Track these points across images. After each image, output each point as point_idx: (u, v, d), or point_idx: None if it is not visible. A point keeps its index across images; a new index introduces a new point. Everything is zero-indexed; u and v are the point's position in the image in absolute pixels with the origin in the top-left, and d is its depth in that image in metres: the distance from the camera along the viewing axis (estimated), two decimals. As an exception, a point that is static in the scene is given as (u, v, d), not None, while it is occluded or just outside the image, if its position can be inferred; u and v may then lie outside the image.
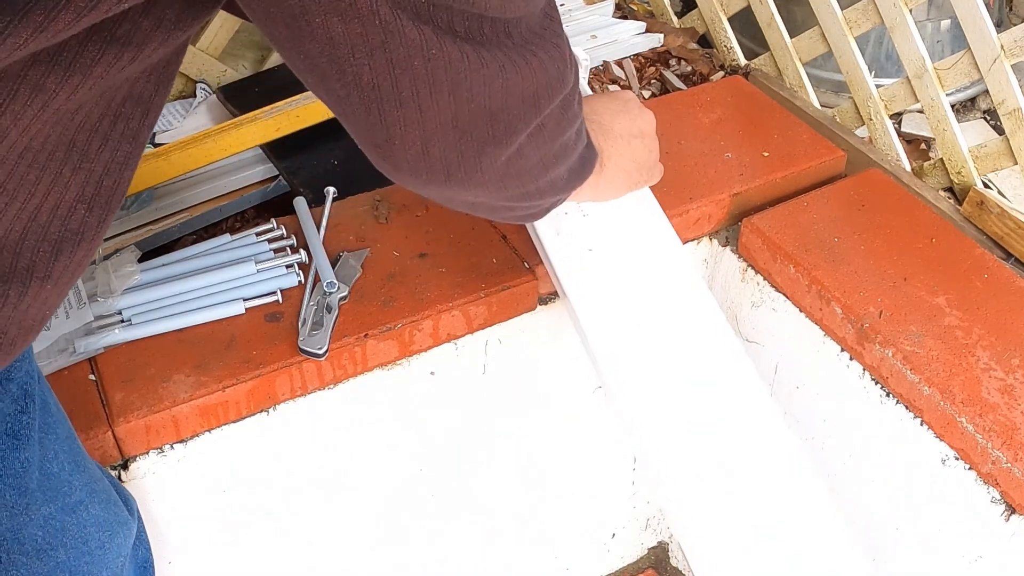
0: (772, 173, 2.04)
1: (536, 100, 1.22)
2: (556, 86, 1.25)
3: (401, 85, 1.07)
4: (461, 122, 1.15)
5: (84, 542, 1.35)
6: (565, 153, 1.40)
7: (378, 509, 2.01)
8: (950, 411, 1.65)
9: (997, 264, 1.87)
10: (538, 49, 1.19)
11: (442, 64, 1.07)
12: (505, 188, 1.32)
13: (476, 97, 1.13)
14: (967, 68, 2.18)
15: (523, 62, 1.16)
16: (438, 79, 1.08)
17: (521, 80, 1.17)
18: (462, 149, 1.19)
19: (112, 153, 1.06)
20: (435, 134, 1.15)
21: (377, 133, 1.13)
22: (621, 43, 2.69)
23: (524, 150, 1.27)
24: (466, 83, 1.11)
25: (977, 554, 1.74)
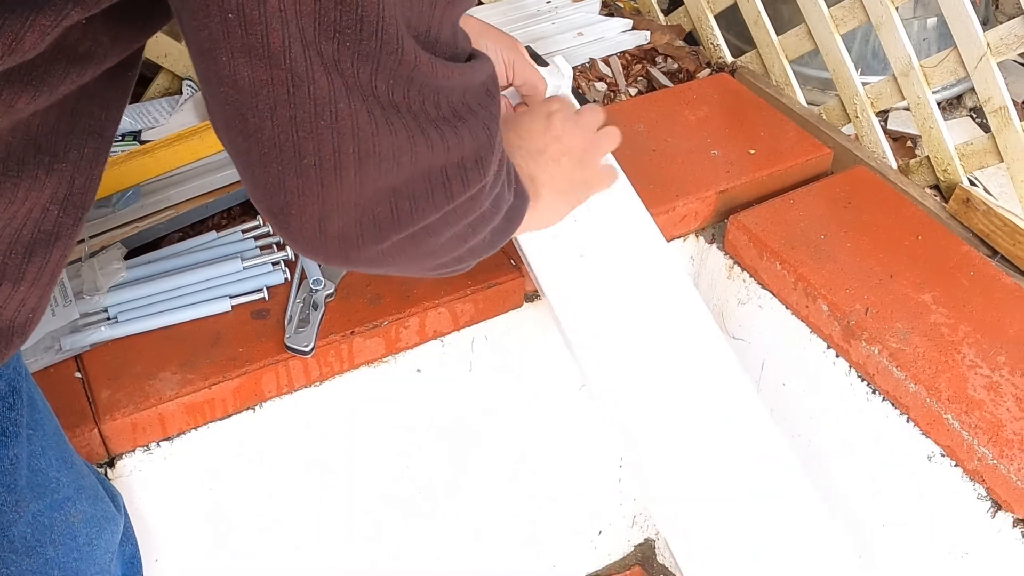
0: (758, 170, 2.04)
1: (447, 184, 1.11)
2: (473, 172, 1.14)
3: (304, 149, 0.97)
4: (364, 199, 1.05)
5: (72, 538, 1.35)
6: (484, 221, 1.28)
7: (365, 507, 2.01)
8: (936, 408, 1.65)
9: (983, 261, 1.88)
10: (462, 126, 1.08)
11: (349, 128, 0.97)
12: (414, 264, 1.23)
13: (383, 172, 1.03)
14: (953, 66, 2.18)
15: (438, 137, 1.06)
16: (344, 147, 0.98)
17: (432, 156, 1.07)
18: (362, 230, 1.08)
19: (79, 151, 1.04)
20: (334, 210, 1.04)
21: (275, 199, 1.02)
22: (607, 40, 2.68)
23: (434, 228, 1.16)
24: (373, 155, 1.00)
25: (963, 551, 1.74)
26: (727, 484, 1.63)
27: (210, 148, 2.00)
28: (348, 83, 0.93)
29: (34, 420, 1.28)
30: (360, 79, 0.94)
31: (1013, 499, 1.59)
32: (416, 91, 0.99)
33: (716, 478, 1.63)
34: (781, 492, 1.65)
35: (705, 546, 1.60)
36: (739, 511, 1.63)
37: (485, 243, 1.33)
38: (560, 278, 1.70)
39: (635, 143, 2.06)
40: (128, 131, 2.10)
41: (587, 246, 1.72)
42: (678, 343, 1.71)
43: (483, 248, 1.34)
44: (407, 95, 0.99)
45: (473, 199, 1.18)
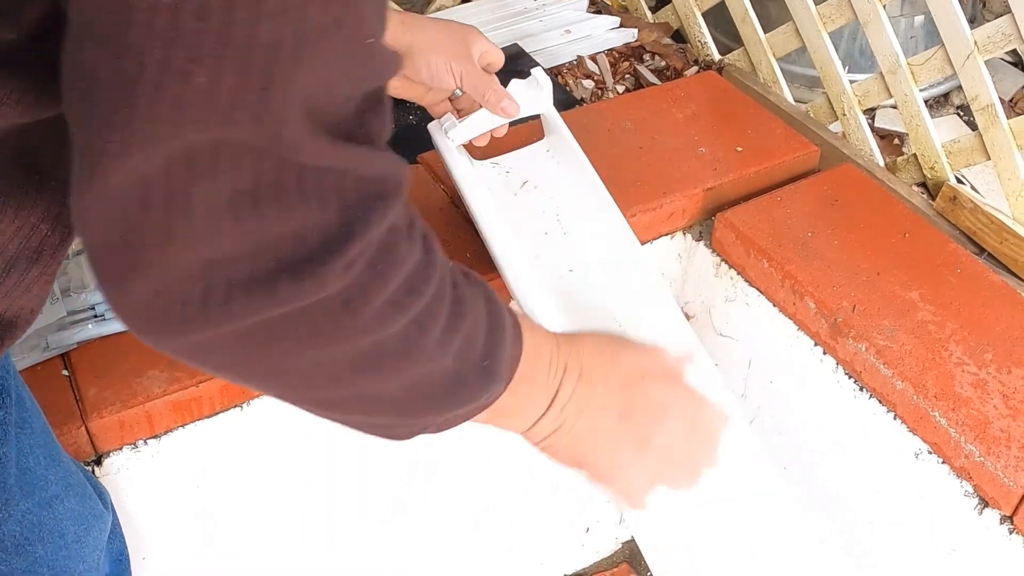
0: (746, 168, 2.04)
1: (273, 275, 0.86)
2: (311, 265, 0.87)
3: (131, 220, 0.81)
4: (169, 266, 0.84)
5: (61, 536, 1.35)
6: (379, 364, 0.99)
7: (351, 503, 2.01)
8: (923, 405, 1.65)
9: (970, 259, 1.88)
10: (315, 203, 0.86)
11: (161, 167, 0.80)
12: (277, 385, 1.02)
13: (198, 236, 0.83)
14: (940, 64, 2.18)
15: (274, 210, 0.84)
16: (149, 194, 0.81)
17: (260, 231, 0.85)
18: (166, 306, 0.86)
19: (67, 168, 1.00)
20: (144, 272, 0.84)
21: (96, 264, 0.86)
22: (595, 38, 2.69)
23: (272, 333, 0.90)
24: (185, 210, 0.82)
25: (950, 547, 1.74)
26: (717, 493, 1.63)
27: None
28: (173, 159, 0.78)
29: (22, 418, 1.28)
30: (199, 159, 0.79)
31: (1000, 496, 1.60)
32: (258, 151, 0.82)
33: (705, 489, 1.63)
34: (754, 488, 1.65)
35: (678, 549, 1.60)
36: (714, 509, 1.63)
37: (398, 401, 1.05)
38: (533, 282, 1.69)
39: (622, 141, 2.06)
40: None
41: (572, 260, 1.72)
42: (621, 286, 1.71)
43: (398, 407, 1.06)
44: (246, 151, 0.81)
45: (326, 314, 0.91)
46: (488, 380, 1.10)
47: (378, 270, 0.92)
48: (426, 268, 0.98)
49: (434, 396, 1.06)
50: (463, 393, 1.08)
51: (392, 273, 0.94)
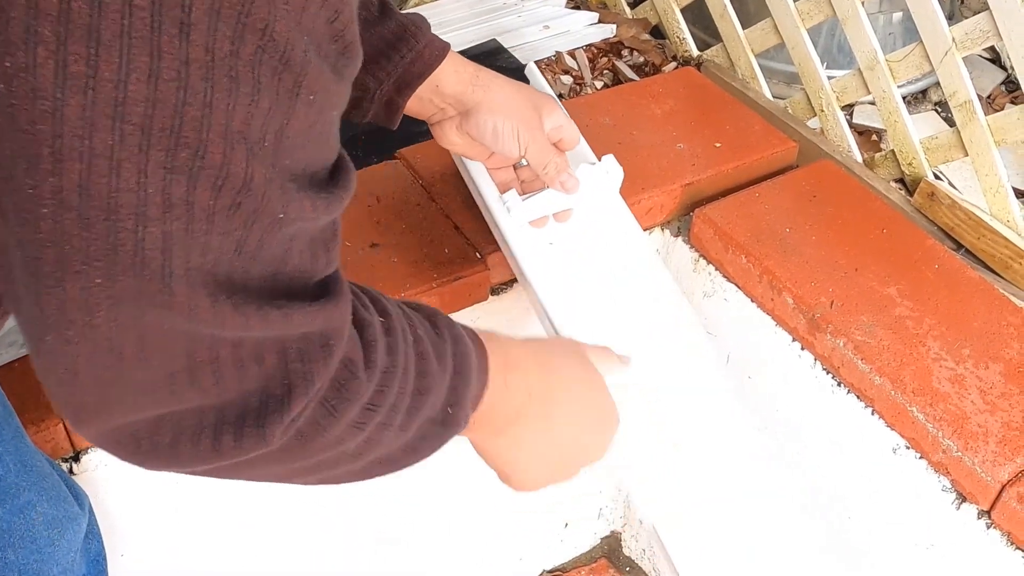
0: (724, 164, 2.05)
1: (215, 435, 0.88)
2: (251, 432, 0.88)
3: (40, 349, 0.86)
4: (112, 422, 0.87)
5: (33, 541, 1.35)
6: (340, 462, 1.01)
7: (330, 498, 2.01)
8: (901, 400, 1.65)
9: (948, 255, 1.89)
10: (250, 375, 0.86)
11: (84, 353, 0.82)
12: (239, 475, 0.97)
13: (134, 404, 0.86)
14: (919, 60, 2.19)
15: (211, 381, 0.85)
16: (78, 367, 0.84)
17: (199, 398, 0.86)
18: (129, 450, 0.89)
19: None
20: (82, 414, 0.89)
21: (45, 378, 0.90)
22: (573, 33, 2.69)
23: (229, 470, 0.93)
24: (122, 383, 0.84)
25: (929, 543, 1.75)
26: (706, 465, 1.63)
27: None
28: (93, 319, 0.78)
29: None
30: (111, 317, 0.78)
31: (977, 491, 1.60)
32: (184, 334, 0.82)
33: (694, 458, 1.63)
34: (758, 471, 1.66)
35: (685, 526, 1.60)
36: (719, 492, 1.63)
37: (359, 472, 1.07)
38: (540, 263, 1.70)
39: (601, 137, 2.06)
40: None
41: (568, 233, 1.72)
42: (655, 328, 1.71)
43: (356, 475, 1.08)
44: (173, 333, 0.81)
45: (265, 461, 0.92)
46: (451, 427, 1.14)
47: (330, 405, 0.93)
48: (388, 375, 0.99)
49: (395, 461, 1.10)
50: (424, 449, 1.13)
51: (346, 407, 0.94)
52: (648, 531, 1.61)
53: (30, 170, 0.71)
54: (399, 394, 1.00)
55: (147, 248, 0.75)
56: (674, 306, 1.74)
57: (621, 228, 1.77)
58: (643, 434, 1.63)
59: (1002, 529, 1.61)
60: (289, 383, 0.88)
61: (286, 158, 0.80)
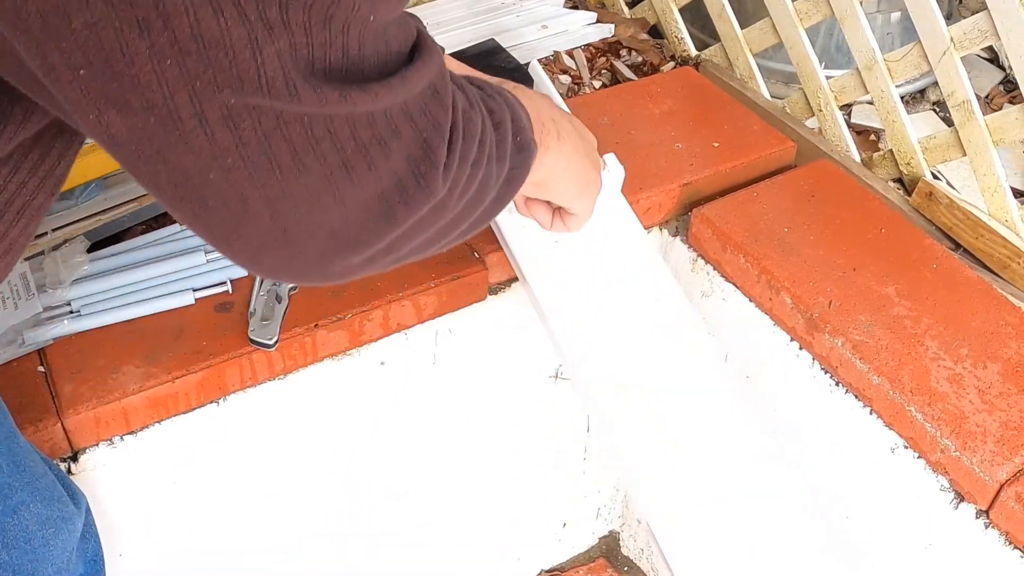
0: (722, 163, 2.05)
1: (390, 212, 1.00)
2: (416, 191, 1.01)
3: (205, 194, 0.90)
4: (292, 236, 0.96)
5: (27, 541, 1.35)
6: (468, 212, 1.17)
7: (328, 499, 2.01)
8: (899, 400, 1.66)
9: (946, 254, 1.89)
10: (396, 145, 0.96)
11: (248, 176, 0.88)
12: (384, 268, 1.12)
13: (303, 214, 0.94)
14: (917, 60, 2.18)
15: (364, 167, 0.94)
16: (245, 193, 0.90)
17: (360, 192, 0.96)
18: (305, 260, 1.00)
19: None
20: (263, 247, 0.97)
21: (205, 236, 0.97)
22: (571, 33, 2.68)
23: (394, 247, 1.06)
24: (286, 197, 0.92)
25: (927, 542, 1.75)
26: (706, 465, 1.64)
27: (174, 140, 1.99)
28: (242, 137, 0.86)
29: None
30: (256, 131, 0.86)
31: (976, 491, 1.60)
32: (325, 130, 0.90)
33: (695, 458, 1.63)
34: (752, 466, 1.66)
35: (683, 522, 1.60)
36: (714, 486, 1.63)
37: (477, 220, 1.23)
38: (541, 262, 1.70)
39: (599, 136, 2.04)
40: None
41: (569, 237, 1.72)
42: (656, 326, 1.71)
43: (477, 223, 1.24)
44: (315, 134, 0.89)
45: (432, 210, 1.06)
46: (528, 153, 1.26)
47: (463, 156, 1.08)
48: (481, 119, 1.14)
49: (500, 198, 1.24)
50: (517, 178, 1.26)
51: (470, 149, 1.09)
52: (646, 530, 1.61)
53: (143, 33, 0.78)
54: (490, 135, 1.15)
55: (267, 69, 0.83)
56: (675, 306, 1.74)
57: (623, 227, 1.78)
58: (643, 434, 1.63)
59: (1000, 528, 1.61)
60: (426, 139, 1.00)
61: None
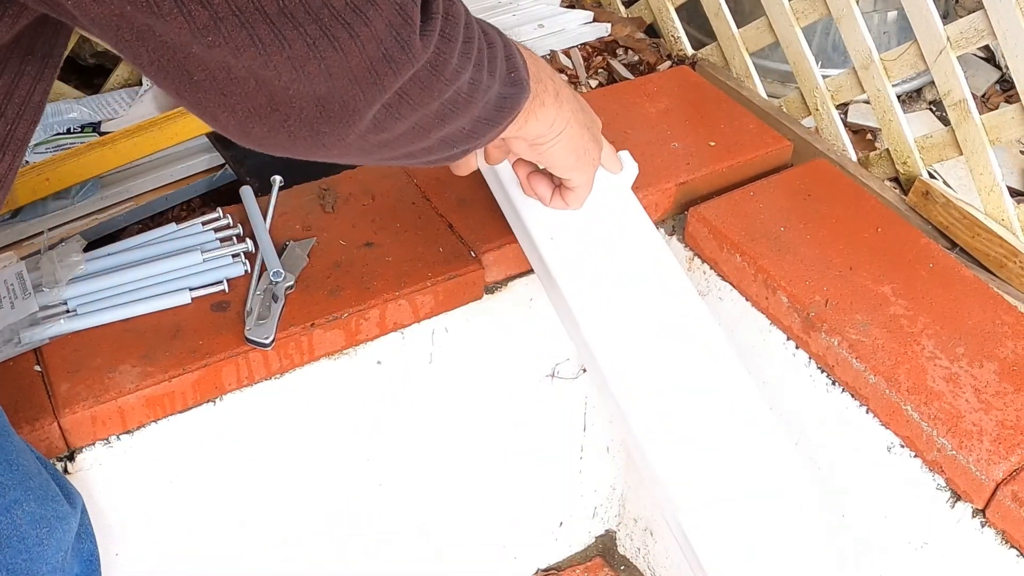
0: (718, 162, 2.05)
1: (376, 78, 1.03)
2: (399, 54, 1.04)
3: (190, 69, 0.94)
4: (280, 105, 1.00)
5: (20, 540, 1.35)
6: (457, 109, 1.21)
7: (325, 498, 2.01)
8: (895, 399, 1.66)
9: (942, 253, 1.89)
10: (372, 11, 0.99)
11: (230, 51, 0.92)
12: (373, 155, 1.19)
13: (288, 83, 0.98)
14: (913, 59, 2.19)
15: (347, 35, 0.97)
16: (230, 65, 0.94)
17: (345, 59, 0.99)
18: (291, 131, 1.05)
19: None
20: (250, 118, 1.01)
21: (192, 110, 1.02)
22: (568, 32, 2.69)
23: (383, 123, 1.11)
24: (270, 68, 0.95)
25: (923, 541, 1.75)
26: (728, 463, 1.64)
27: (170, 139, 2.00)
28: (217, 12, 0.89)
29: None
30: (231, 5, 0.90)
31: (972, 489, 1.60)
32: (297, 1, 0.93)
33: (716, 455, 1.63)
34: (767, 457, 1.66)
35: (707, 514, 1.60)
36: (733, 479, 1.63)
37: (465, 133, 1.27)
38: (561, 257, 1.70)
39: (596, 135, 2.06)
40: (87, 122, 2.09)
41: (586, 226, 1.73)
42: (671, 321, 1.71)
43: (464, 138, 1.28)
44: (289, 5, 0.93)
45: (418, 83, 1.10)
46: (520, 89, 1.32)
47: (446, 33, 1.11)
48: (467, 16, 1.17)
49: (491, 119, 1.29)
50: (508, 106, 1.31)
51: (455, 31, 1.13)
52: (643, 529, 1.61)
53: None
54: (479, 38, 1.20)
55: None
56: (689, 303, 1.74)
57: (634, 225, 1.78)
58: (663, 430, 1.63)
59: (996, 527, 1.61)
60: (401, 5, 1.02)
61: None
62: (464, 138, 1.28)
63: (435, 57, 1.10)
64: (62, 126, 2.07)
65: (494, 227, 1.84)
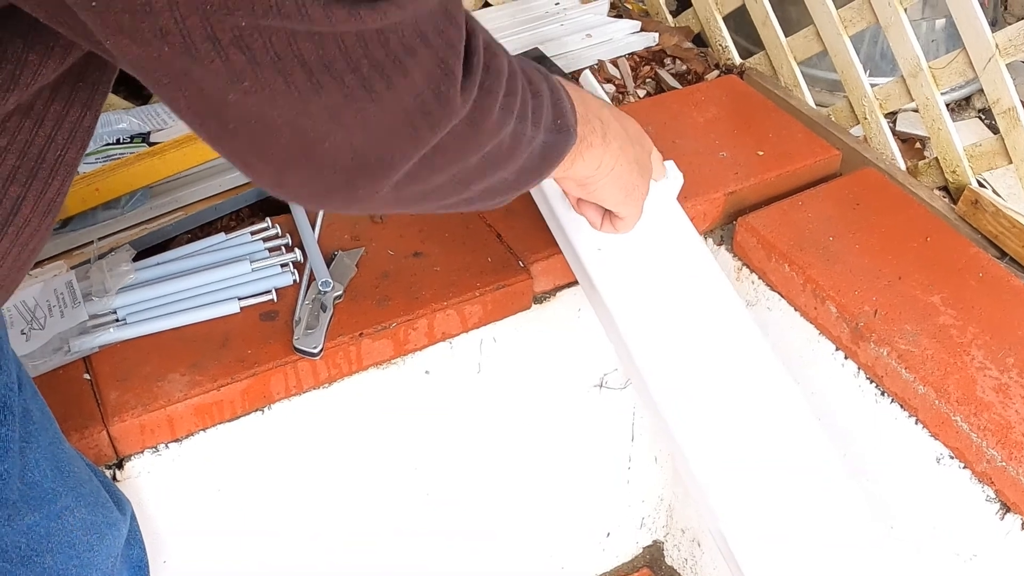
0: (767, 172, 2.04)
1: (413, 131, 1.01)
2: (437, 109, 1.01)
3: (226, 116, 0.91)
4: (315, 155, 0.97)
5: (71, 546, 1.36)
6: (499, 161, 1.19)
7: (372, 507, 2.02)
8: (945, 410, 1.65)
9: (992, 263, 1.88)
10: (412, 64, 0.95)
11: (266, 97, 0.89)
12: (410, 206, 1.16)
13: (324, 133, 0.95)
14: (962, 67, 2.18)
15: (383, 86, 0.94)
16: (265, 114, 0.91)
17: (382, 111, 0.96)
18: (326, 181, 1.01)
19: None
20: (286, 168, 0.98)
21: (228, 158, 0.99)
22: (616, 42, 2.68)
23: (419, 175, 1.07)
24: (305, 117, 0.92)
25: (971, 553, 1.74)
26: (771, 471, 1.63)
27: (219, 150, 2.00)
28: (255, 57, 0.85)
29: (28, 432, 1.28)
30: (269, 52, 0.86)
31: (1021, 501, 1.59)
32: (338, 48, 0.89)
33: (760, 465, 1.63)
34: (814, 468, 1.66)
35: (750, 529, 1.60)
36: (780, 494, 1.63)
37: (509, 183, 1.25)
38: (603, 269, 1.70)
39: (643, 145, 2.06)
40: (137, 132, 2.10)
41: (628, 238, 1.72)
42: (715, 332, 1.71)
43: (507, 188, 1.26)
44: (327, 53, 0.89)
45: (457, 137, 1.08)
46: (567, 136, 1.30)
47: (486, 87, 1.08)
48: (511, 67, 1.15)
49: (535, 168, 1.28)
50: (553, 155, 1.30)
51: (497, 85, 1.11)
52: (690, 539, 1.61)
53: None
54: (523, 89, 1.18)
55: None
56: (733, 314, 1.74)
57: (679, 235, 1.77)
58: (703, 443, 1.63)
59: (1047, 539, 1.61)
60: (442, 58, 0.99)
61: None
62: (507, 188, 1.26)
63: (475, 112, 1.08)
64: (112, 136, 2.08)
65: (542, 237, 1.84)
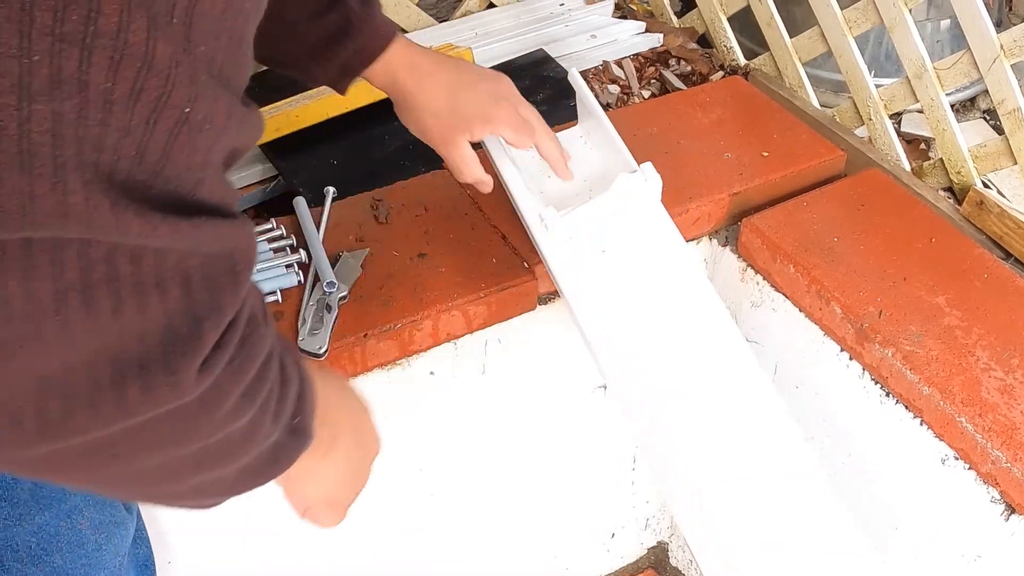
0: (771, 173, 2.04)
1: (118, 386, 0.78)
2: (160, 375, 0.79)
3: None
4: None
5: (80, 545, 1.36)
6: (222, 456, 0.96)
7: (376, 508, 2.01)
8: (950, 411, 1.65)
9: (996, 264, 1.88)
10: (153, 303, 0.77)
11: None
12: (111, 488, 0.97)
13: (18, 350, 0.73)
14: (967, 68, 2.18)
15: (108, 309, 0.75)
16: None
17: (93, 338, 0.75)
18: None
19: None
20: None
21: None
22: (620, 43, 2.69)
23: (117, 447, 0.83)
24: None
25: (976, 554, 1.74)
26: (745, 479, 1.64)
27: (224, 151, 2.00)
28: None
29: None
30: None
31: (1027, 502, 1.59)
32: (76, 250, 0.72)
33: (734, 473, 1.63)
34: (797, 485, 1.66)
35: (724, 545, 1.61)
36: (757, 506, 1.63)
37: (227, 483, 1.03)
38: (578, 276, 1.69)
39: (648, 146, 2.06)
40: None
41: (607, 244, 1.72)
42: (696, 341, 1.71)
43: (223, 488, 1.05)
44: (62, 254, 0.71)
45: (176, 418, 0.83)
46: (300, 440, 1.06)
47: (235, 366, 0.87)
48: (271, 347, 0.94)
49: (260, 470, 1.04)
50: (284, 458, 1.05)
51: (248, 367, 0.89)
52: None
53: None
54: (274, 378, 0.95)
55: (33, 130, 0.66)
56: (716, 318, 1.73)
57: (662, 237, 1.77)
58: (684, 448, 1.63)
59: (1052, 540, 1.60)
60: (197, 316, 0.80)
61: (199, 43, 0.72)
62: (222, 489, 1.05)
63: (211, 393, 0.85)
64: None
65: (546, 238, 1.84)
